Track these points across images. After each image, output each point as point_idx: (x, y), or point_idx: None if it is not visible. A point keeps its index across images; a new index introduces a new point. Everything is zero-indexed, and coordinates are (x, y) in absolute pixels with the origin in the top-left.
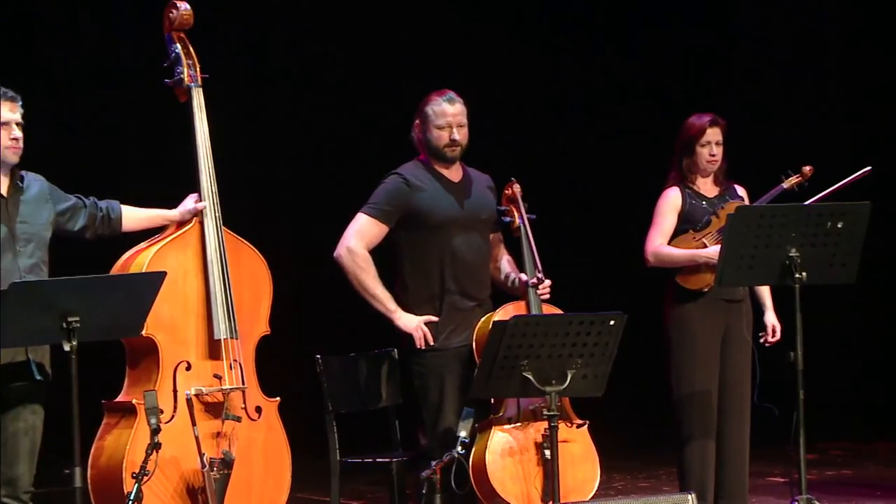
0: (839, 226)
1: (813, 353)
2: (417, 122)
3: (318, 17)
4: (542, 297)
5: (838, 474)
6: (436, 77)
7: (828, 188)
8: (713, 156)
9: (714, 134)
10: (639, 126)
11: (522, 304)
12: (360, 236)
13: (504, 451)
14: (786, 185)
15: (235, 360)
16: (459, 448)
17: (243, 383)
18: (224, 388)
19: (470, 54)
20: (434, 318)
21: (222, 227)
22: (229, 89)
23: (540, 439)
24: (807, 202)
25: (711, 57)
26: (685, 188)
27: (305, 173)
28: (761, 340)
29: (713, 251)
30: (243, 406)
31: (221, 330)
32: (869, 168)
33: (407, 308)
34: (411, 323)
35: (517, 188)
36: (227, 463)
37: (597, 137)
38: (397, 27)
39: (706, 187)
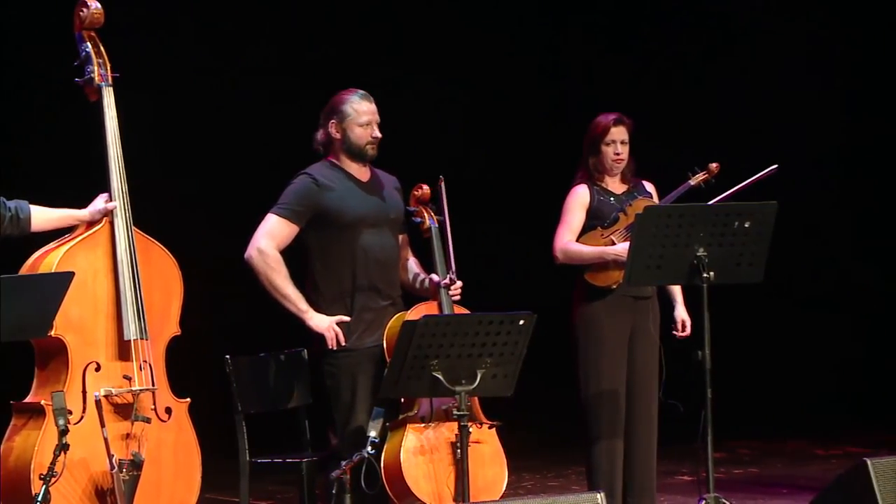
0: (746, 225)
1: (721, 352)
2: (333, 121)
3: (233, 13)
4: (454, 297)
5: (745, 472)
6: (337, 81)
7: (734, 186)
8: (618, 154)
9: (619, 133)
10: (547, 125)
11: (434, 304)
12: (270, 237)
13: (418, 449)
14: (693, 181)
15: (145, 361)
16: (369, 448)
17: (153, 384)
18: (134, 389)
19: (387, 54)
20: (346, 318)
21: (132, 227)
22: (139, 88)
23: (453, 439)
24: (713, 200)
25: (619, 56)
26: (593, 185)
27: (216, 173)
28: (677, 336)
29: (621, 248)
30: (153, 407)
31: (131, 330)
32: (775, 166)
33: (318, 308)
34: (323, 323)
35: (427, 189)
36: (136, 464)
37: (506, 136)
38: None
39: (614, 184)
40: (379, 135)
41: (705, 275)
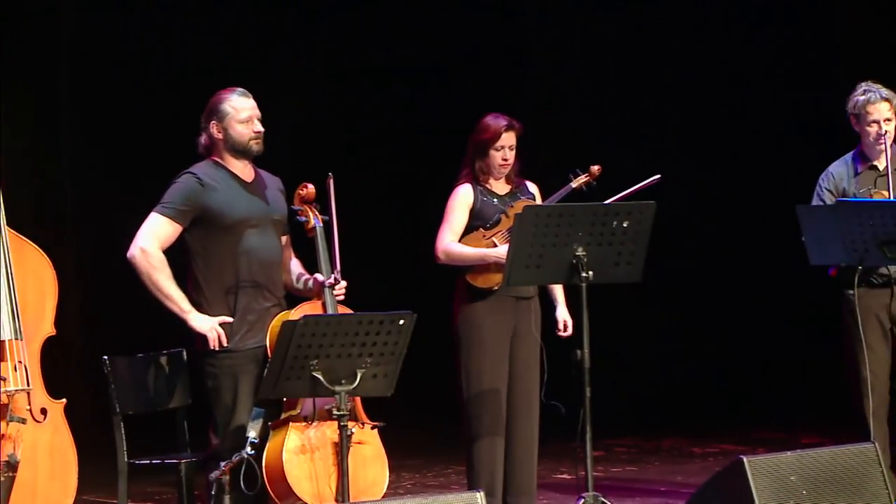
0: (625, 225)
1: (599, 351)
2: (214, 121)
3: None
4: (338, 297)
5: (623, 471)
6: (217, 76)
7: (616, 190)
8: (506, 160)
9: (509, 138)
10: (429, 123)
11: (318, 304)
12: (154, 236)
13: (300, 449)
14: (574, 184)
15: (20, 362)
16: (249, 448)
17: (28, 385)
18: (8, 389)
19: (263, 53)
20: (229, 319)
21: (5, 227)
22: (12, 86)
23: (336, 438)
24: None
25: (504, 53)
26: (477, 185)
27: (92, 171)
28: (559, 336)
29: (502, 251)
30: (28, 408)
31: (5, 331)
32: (658, 177)
33: (201, 308)
34: (205, 324)
35: (312, 188)
36: (11, 465)
37: (388, 135)
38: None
39: (498, 185)
40: (261, 129)
41: (584, 274)
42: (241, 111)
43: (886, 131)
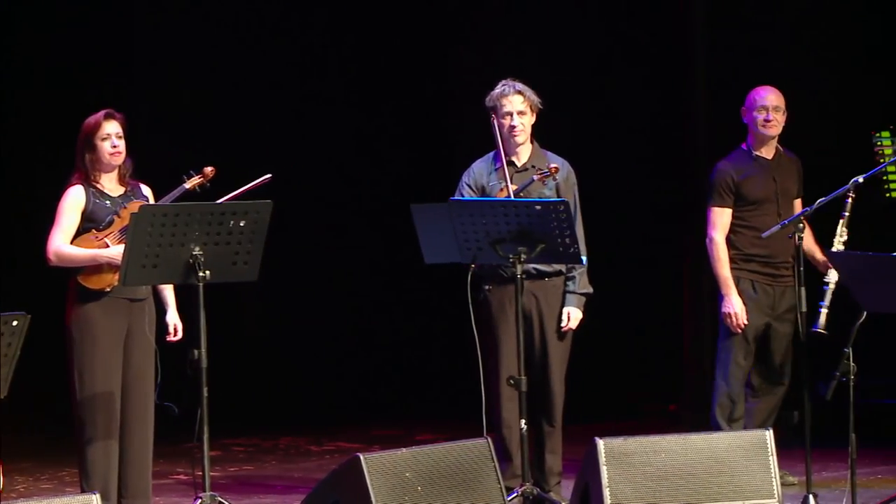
0: (241, 224)
1: (217, 351)
2: None
3: None
4: None
5: (240, 470)
6: None
7: (230, 190)
8: (115, 147)
9: (111, 126)
10: (39, 124)
11: None
12: None
13: None
14: (188, 185)
15: None
16: None
17: None
18: None
19: None
20: None
21: None
22: None
23: None
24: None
25: (113, 52)
26: (89, 187)
27: None
28: (170, 340)
29: (115, 251)
30: None
31: None
32: (269, 175)
33: None
34: None
35: None
36: None
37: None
38: None
39: (111, 185)
40: None
41: (201, 273)
42: None
43: (521, 124)
